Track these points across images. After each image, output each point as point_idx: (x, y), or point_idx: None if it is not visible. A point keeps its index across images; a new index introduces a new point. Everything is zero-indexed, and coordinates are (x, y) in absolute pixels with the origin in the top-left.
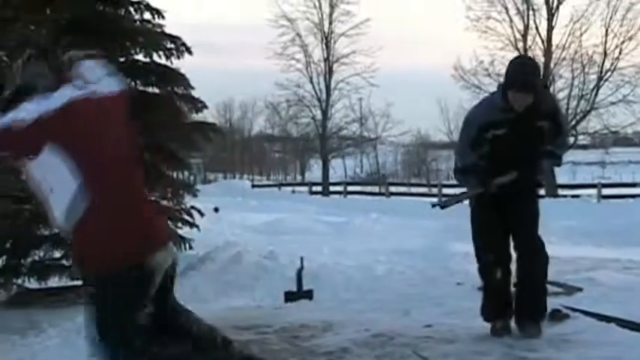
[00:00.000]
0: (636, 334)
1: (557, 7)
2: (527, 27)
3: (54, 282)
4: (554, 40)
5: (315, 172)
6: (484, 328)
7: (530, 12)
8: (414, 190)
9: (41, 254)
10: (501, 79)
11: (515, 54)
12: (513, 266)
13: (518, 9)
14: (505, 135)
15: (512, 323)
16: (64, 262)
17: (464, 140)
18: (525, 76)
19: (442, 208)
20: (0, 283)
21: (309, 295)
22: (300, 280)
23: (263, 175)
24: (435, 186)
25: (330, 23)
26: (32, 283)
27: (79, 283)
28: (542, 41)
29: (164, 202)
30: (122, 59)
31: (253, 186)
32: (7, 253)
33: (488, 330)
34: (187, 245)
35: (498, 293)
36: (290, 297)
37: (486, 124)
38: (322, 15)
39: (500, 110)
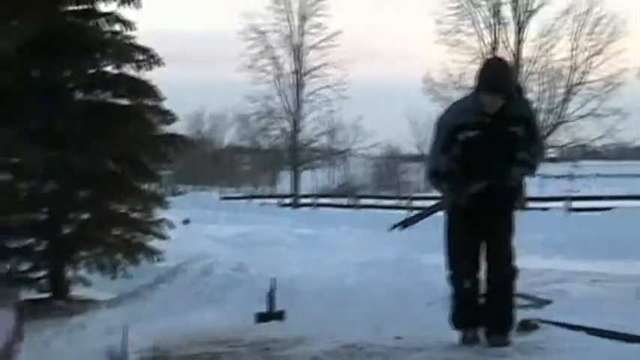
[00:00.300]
0: (606, 341)
1: (526, 21)
2: (496, 41)
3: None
4: (523, 54)
5: (285, 185)
6: (455, 339)
7: (500, 26)
8: (384, 202)
9: (8, 267)
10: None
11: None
12: (483, 275)
13: (487, 23)
14: (477, 137)
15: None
16: (32, 274)
17: (435, 143)
18: (497, 76)
19: (403, 227)
20: None
21: (280, 316)
22: (272, 300)
23: (233, 187)
24: (405, 198)
25: (301, 35)
26: None
27: (47, 295)
28: (511, 55)
29: (134, 215)
30: (92, 71)
31: (223, 198)
32: None
33: (459, 340)
34: (157, 257)
35: (467, 302)
36: (261, 318)
37: (457, 126)
38: (293, 27)
39: (472, 113)
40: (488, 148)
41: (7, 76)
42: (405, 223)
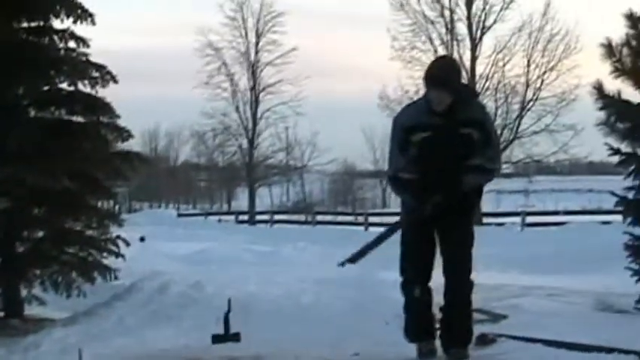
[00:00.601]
0: (562, 352)
1: (481, 38)
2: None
3: None
4: (478, 70)
5: (241, 201)
6: (413, 354)
7: (454, 42)
8: (340, 218)
9: None
10: None
11: None
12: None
13: (442, 39)
14: (429, 138)
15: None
16: None
17: (392, 144)
18: (439, 71)
19: (352, 263)
20: None
21: (236, 337)
22: (228, 322)
23: (189, 204)
24: (361, 214)
25: (257, 52)
26: None
27: (0, 315)
28: (466, 71)
29: (89, 232)
30: (46, 88)
31: (179, 215)
32: None
33: (416, 354)
34: (113, 275)
35: (419, 313)
36: (217, 340)
37: (411, 126)
38: (248, 44)
39: (423, 113)
40: (442, 149)
41: None
42: (353, 259)
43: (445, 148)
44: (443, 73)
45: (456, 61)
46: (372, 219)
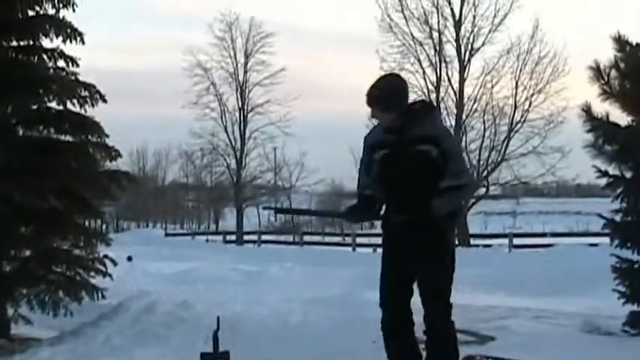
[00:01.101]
0: None
1: (469, 60)
2: (439, 79)
3: None
4: (466, 92)
5: (229, 221)
6: None
7: (443, 64)
8: (328, 239)
9: None
10: None
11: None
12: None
13: (430, 61)
14: (387, 155)
15: None
16: None
17: (360, 162)
18: (371, 89)
19: (275, 212)
20: None
21: (225, 356)
22: (217, 341)
23: (177, 224)
24: (348, 235)
25: (245, 72)
26: None
27: None
28: (455, 93)
29: (77, 251)
30: (35, 107)
31: (167, 235)
32: None
33: None
34: (100, 294)
35: (392, 336)
36: (206, 359)
37: (372, 144)
38: (237, 64)
39: (382, 131)
40: (399, 167)
41: None
42: (278, 210)
43: (402, 165)
44: (370, 91)
45: (396, 79)
46: (359, 240)
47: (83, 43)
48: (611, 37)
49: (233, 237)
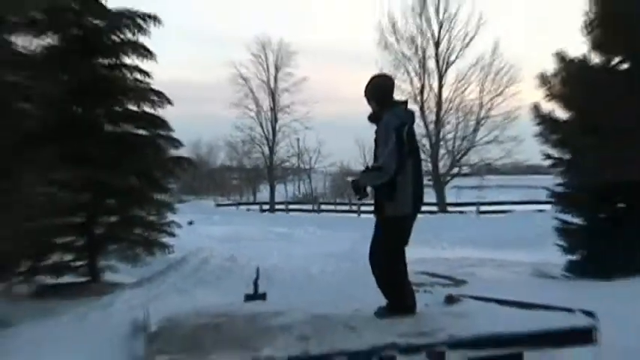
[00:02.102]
0: (509, 308)
1: (446, 70)
2: (423, 85)
3: (66, 279)
4: (444, 95)
5: (264, 194)
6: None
7: (426, 74)
8: (339, 208)
9: (56, 258)
10: None
11: (415, 106)
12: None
13: (416, 72)
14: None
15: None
16: (74, 264)
17: None
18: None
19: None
20: (25, 280)
21: (263, 297)
22: (257, 286)
23: (224, 197)
24: (355, 204)
25: (276, 81)
26: (49, 280)
27: (85, 279)
28: (435, 96)
29: (150, 218)
30: (118, 109)
31: (217, 205)
32: (30, 258)
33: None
34: (168, 250)
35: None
36: (248, 298)
37: None
38: (269, 75)
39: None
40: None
41: (58, 114)
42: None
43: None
44: (365, 87)
45: (375, 78)
46: (363, 208)
47: (156, 61)
48: (553, 53)
49: (267, 206)
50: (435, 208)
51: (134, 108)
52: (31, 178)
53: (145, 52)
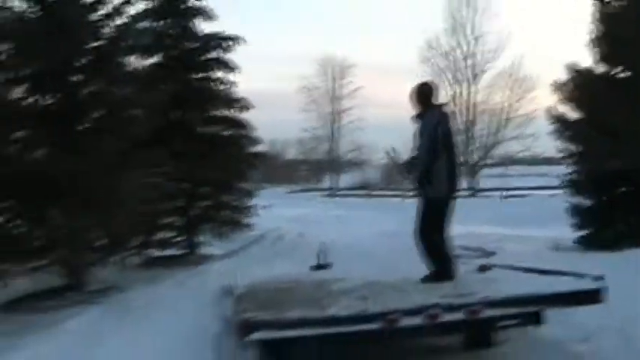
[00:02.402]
0: (531, 275)
1: (475, 78)
2: (455, 93)
3: (169, 252)
4: (477, 99)
5: (327, 183)
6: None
7: (460, 82)
8: (389, 193)
9: (162, 235)
10: None
11: (451, 109)
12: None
13: (449, 81)
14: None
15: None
16: (175, 239)
17: None
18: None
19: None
20: (137, 253)
21: (328, 266)
22: (322, 258)
23: (295, 185)
24: (401, 191)
25: (335, 90)
26: (156, 253)
27: (185, 252)
28: (468, 100)
29: (235, 202)
30: (210, 114)
31: (289, 192)
32: (141, 235)
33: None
34: (250, 228)
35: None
36: (315, 268)
37: None
38: (332, 84)
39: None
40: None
41: (160, 118)
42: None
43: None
44: (410, 92)
45: (420, 85)
46: (407, 194)
47: (240, 72)
48: (566, 65)
49: (329, 193)
50: (467, 193)
51: (222, 113)
52: (143, 173)
53: (230, 67)
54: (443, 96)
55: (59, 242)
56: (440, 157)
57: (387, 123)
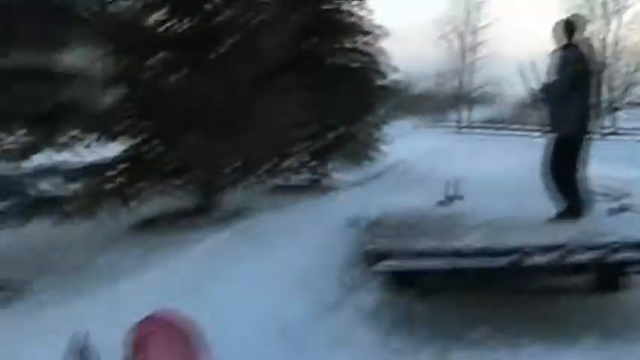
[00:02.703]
0: None
1: (617, 13)
2: (593, 30)
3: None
4: (615, 37)
5: (458, 117)
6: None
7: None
8: (520, 128)
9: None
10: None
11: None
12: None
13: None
14: None
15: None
16: (309, 165)
17: None
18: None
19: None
20: (267, 178)
21: (461, 197)
22: (453, 188)
23: (424, 118)
24: (530, 129)
25: (468, 24)
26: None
27: (317, 177)
28: (603, 39)
29: (365, 133)
30: (337, 45)
31: (417, 126)
32: (274, 160)
33: None
34: (381, 158)
35: None
36: (446, 200)
37: None
38: (462, 20)
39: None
40: None
41: (292, 48)
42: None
43: None
44: (554, 25)
45: (565, 20)
46: (533, 134)
47: (367, 7)
48: None
49: (458, 127)
50: (605, 131)
51: (353, 44)
52: (276, 99)
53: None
54: (586, 32)
55: (194, 164)
56: (574, 94)
57: (519, 59)
